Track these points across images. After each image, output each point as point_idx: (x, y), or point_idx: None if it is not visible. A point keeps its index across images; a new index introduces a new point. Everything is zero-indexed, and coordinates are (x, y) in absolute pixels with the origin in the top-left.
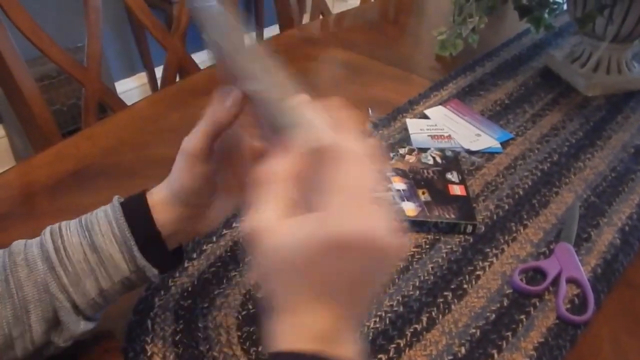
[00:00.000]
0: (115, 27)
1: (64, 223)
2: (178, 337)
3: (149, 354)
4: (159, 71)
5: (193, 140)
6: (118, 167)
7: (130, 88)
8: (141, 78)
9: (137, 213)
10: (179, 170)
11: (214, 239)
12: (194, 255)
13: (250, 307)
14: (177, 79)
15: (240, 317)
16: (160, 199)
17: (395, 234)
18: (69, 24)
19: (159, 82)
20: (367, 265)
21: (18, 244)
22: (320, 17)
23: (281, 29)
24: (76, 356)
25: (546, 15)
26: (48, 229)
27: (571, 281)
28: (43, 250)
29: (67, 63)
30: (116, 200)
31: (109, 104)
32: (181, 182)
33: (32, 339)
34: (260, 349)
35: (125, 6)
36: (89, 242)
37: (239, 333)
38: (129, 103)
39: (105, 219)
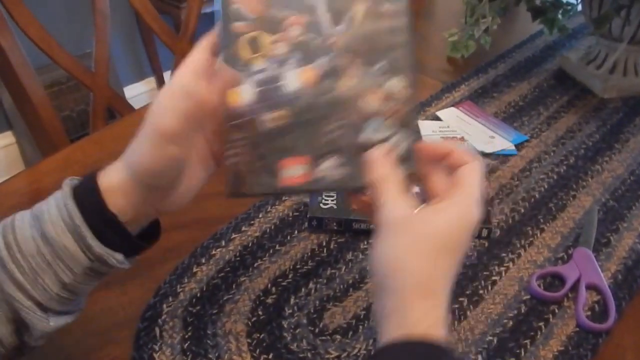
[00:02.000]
0: (124, 32)
1: (18, 214)
2: (187, 344)
3: None
4: (167, 76)
5: (168, 119)
6: None
7: (139, 93)
8: (150, 83)
9: (88, 197)
10: (142, 151)
11: (223, 243)
12: (203, 260)
13: (260, 313)
14: None
15: (250, 323)
16: (119, 183)
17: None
18: (78, 31)
19: None
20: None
21: None
22: None
23: None
24: None
25: (560, 17)
26: (1, 223)
27: (591, 287)
28: None
29: (76, 69)
30: (66, 184)
31: (117, 109)
32: (145, 164)
33: (2, 343)
34: (270, 356)
35: (134, 11)
36: (40, 233)
37: (249, 340)
38: (137, 108)
39: (55, 206)
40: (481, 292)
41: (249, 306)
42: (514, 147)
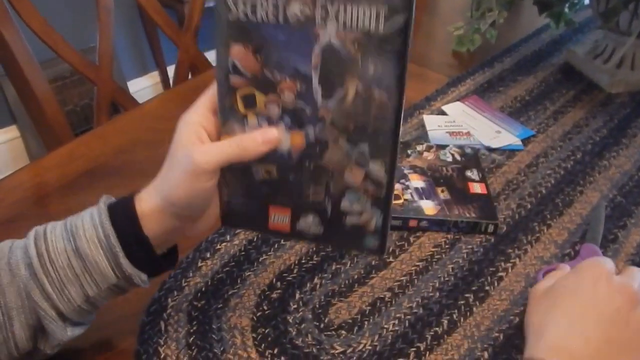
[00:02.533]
0: (128, 26)
1: (50, 225)
2: (191, 338)
3: (162, 356)
4: (171, 70)
5: (207, 157)
6: (130, 166)
7: (143, 87)
8: (153, 77)
9: (124, 218)
10: (178, 182)
11: (228, 237)
12: (208, 255)
13: (265, 308)
14: (189, 78)
15: (255, 318)
16: (151, 208)
17: None
18: (81, 26)
19: (171, 81)
20: None
21: (4, 246)
22: None
23: None
24: (89, 357)
25: (567, 10)
26: (33, 231)
27: None
28: (26, 256)
29: (79, 63)
30: (103, 202)
31: (121, 103)
32: (179, 195)
33: (16, 345)
34: (275, 351)
35: (138, 5)
36: (73, 247)
37: (254, 335)
38: (141, 102)
39: (90, 223)
40: (487, 288)
41: (254, 301)
42: (520, 142)
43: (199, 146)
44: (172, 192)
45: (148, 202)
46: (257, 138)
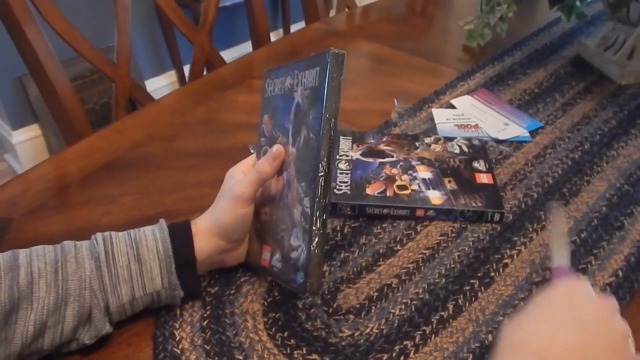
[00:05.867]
0: (145, 26)
1: (113, 233)
2: (205, 322)
3: (177, 339)
4: (187, 69)
5: (241, 187)
6: (146, 159)
7: (160, 86)
8: (170, 76)
9: (181, 238)
10: (223, 208)
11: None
12: None
13: (276, 294)
14: (205, 74)
15: (266, 303)
16: (203, 229)
17: None
18: (99, 25)
19: (187, 79)
20: None
21: (68, 244)
22: (346, 10)
23: (307, 25)
24: (106, 340)
25: (578, 3)
26: (99, 235)
27: None
28: (93, 252)
29: (98, 60)
30: (164, 222)
31: (138, 99)
32: (224, 218)
33: (62, 331)
34: (285, 334)
35: (155, 4)
36: (135, 253)
37: (265, 319)
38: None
39: (152, 237)
40: (492, 274)
41: (265, 287)
42: (528, 134)
43: (237, 180)
44: (220, 216)
45: (201, 224)
46: (268, 157)
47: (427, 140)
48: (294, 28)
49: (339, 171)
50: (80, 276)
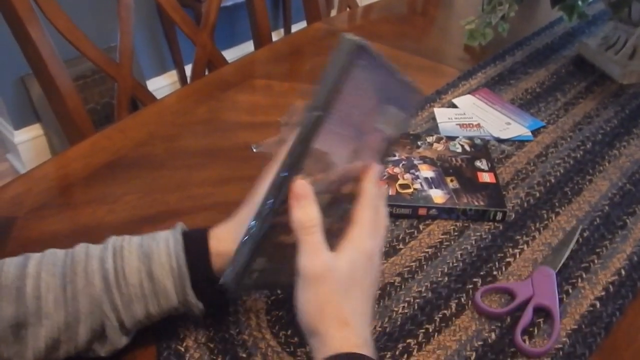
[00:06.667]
0: (147, 26)
1: (126, 240)
2: (209, 320)
3: (181, 336)
4: (188, 69)
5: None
6: (149, 159)
7: (162, 86)
8: (172, 76)
9: (197, 253)
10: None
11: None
12: None
13: (279, 292)
14: (206, 74)
15: (269, 301)
16: (225, 254)
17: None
18: (101, 25)
19: (188, 79)
20: (374, 274)
21: (80, 250)
22: (347, 10)
23: (309, 24)
24: None
25: (579, 3)
26: (111, 242)
27: (540, 309)
28: (103, 268)
29: (101, 60)
30: (179, 231)
31: (140, 99)
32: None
33: (77, 346)
34: (289, 332)
35: (157, 3)
36: (147, 270)
37: (268, 317)
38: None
39: (165, 251)
40: (495, 273)
41: None
42: (530, 133)
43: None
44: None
45: (224, 243)
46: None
47: (429, 139)
48: (295, 28)
49: None
50: (90, 294)
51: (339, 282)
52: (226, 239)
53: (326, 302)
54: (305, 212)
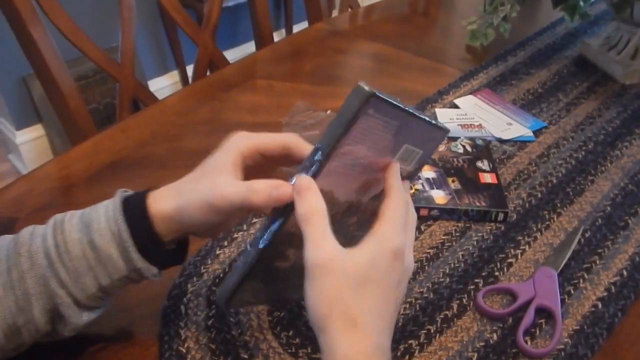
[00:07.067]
0: (148, 26)
1: (68, 215)
2: (210, 322)
3: (182, 337)
4: (190, 70)
5: (232, 197)
6: (151, 159)
7: (163, 86)
8: (173, 76)
9: (137, 215)
10: (198, 205)
11: (244, 226)
12: (225, 243)
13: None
14: (208, 74)
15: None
16: (164, 215)
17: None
18: (103, 26)
19: (190, 79)
20: (400, 274)
21: (25, 232)
22: (349, 10)
23: (310, 25)
24: (112, 339)
25: (581, 3)
26: (52, 220)
27: (542, 310)
28: (45, 245)
29: (103, 60)
30: (118, 197)
31: (142, 99)
32: (195, 217)
33: (37, 328)
34: (290, 333)
35: (158, 3)
36: (88, 239)
37: (270, 318)
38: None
39: (104, 217)
40: (497, 273)
41: None
42: (531, 134)
43: (231, 186)
44: (190, 214)
45: (162, 205)
46: (274, 194)
47: None
48: (296, 28)
49: None
50: (36, 274)
51: (352, 276)
52: (164, 197)
53: (334, 297)
54: (308, 203)
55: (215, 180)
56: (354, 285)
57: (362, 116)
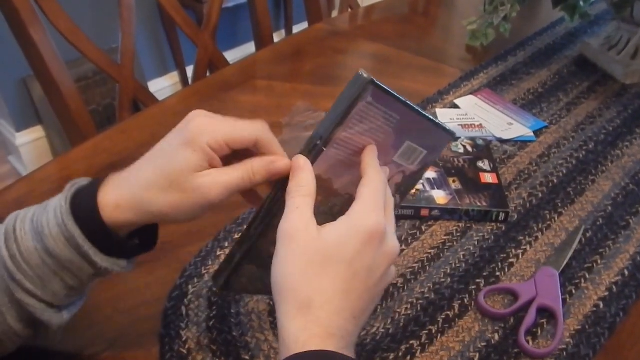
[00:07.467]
0: (148, 27)
1: (19, 220)
2: (212, 322)
3: (184, 339)
4: (189, 70)
5: (218, 192)
6: None
7: (163, 87)
8: (173, 77)
9: (88, 215)
10: (165, 196)
11: (245, 227)
12: (226, 244)
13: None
14: (208, 75)
15: (271, 303)
16: (118, 204)
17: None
18: (103, 28)
19: (190, 80)
20: (378, 256)
21: None
22: (349, 10)
23: (310, 25)
24: (114, 340)
25: (581, 3)
26: (3, 228)
27: (544, 310)
28: (2, 251)
29: (103, 61)
30: (68, 196)
31: (142, 100)
32: (162, 208)
33: (17, 335)
34: None
35: (158, 4)
36: (43, 248)
37: (271, 319)
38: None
39: (55, 222)
40: (498, 273)
41: None
42: (532, 134)
43: (213, 180)
44: (155, 205)
45: (115, 194)
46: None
47: None
48: (296, 29)
49: None
50: (0, 284)
51: (316, 253)
52: (117, 186)
53: (289, 273)
54: (298, 179)
55: (198, 178)
56: (317, 262)
57: (360, 102)
